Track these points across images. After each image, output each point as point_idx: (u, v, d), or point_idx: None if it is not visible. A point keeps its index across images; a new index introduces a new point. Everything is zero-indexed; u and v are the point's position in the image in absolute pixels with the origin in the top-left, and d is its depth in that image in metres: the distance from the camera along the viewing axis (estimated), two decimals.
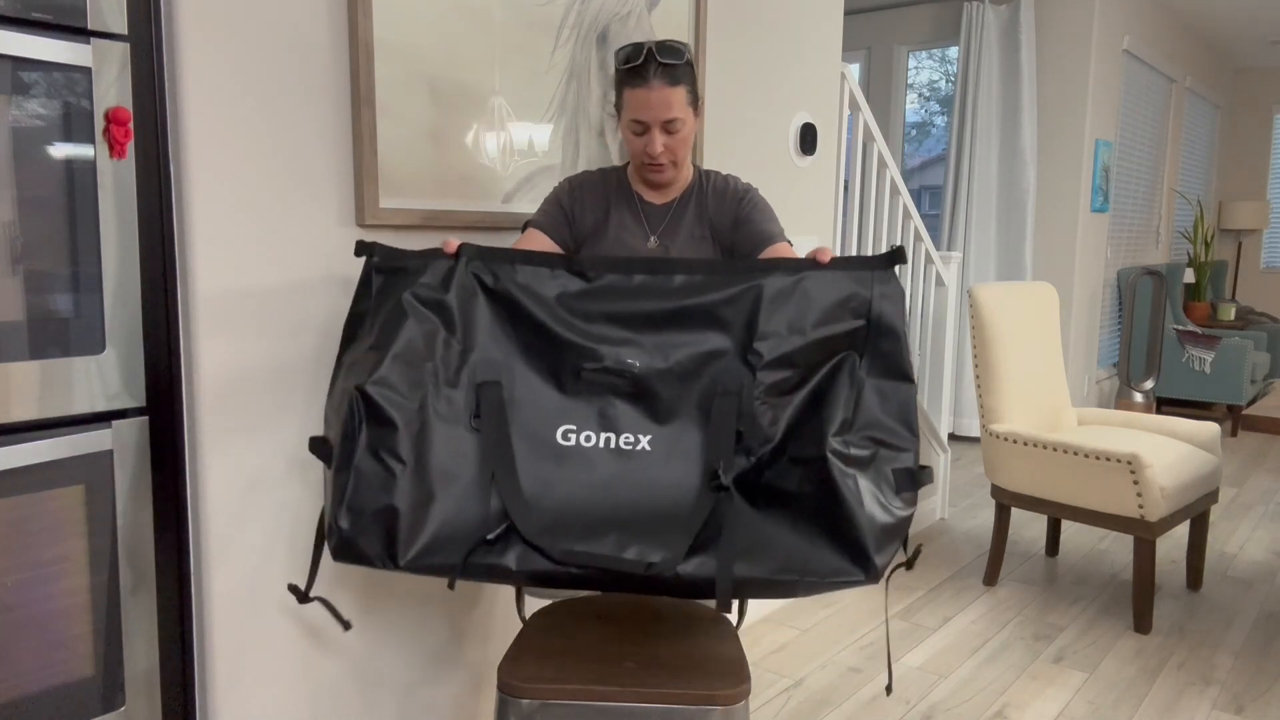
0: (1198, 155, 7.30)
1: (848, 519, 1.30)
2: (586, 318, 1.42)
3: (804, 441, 1.33)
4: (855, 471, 1.31)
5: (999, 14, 5.23)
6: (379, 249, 1.43)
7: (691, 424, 1.38)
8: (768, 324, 1.39)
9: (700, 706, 1.33)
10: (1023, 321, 3.32)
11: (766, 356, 1.38)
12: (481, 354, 1.40)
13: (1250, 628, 2.94)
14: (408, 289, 1.40)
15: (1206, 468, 3.08)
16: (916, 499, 1.38)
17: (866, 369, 1.35)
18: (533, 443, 1.36)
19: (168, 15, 1.46)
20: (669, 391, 1.38)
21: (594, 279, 1.44)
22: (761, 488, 1.34)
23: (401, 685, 1.92)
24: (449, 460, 1.32)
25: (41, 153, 1.34)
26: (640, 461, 1.35)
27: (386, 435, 1.31)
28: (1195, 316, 6.64)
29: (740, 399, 1.37)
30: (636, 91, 1.63)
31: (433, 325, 1.39)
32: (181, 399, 1.54)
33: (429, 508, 1.30)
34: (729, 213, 1.77)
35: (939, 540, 3.76)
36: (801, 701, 2.45)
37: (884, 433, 1.36)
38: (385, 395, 1.32)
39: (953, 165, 5.39)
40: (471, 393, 1.37)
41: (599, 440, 1.36)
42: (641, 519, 1.32)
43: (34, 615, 1.40)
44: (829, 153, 3.12)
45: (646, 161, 1.69)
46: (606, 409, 1.38)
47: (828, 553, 1.31)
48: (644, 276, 1.43)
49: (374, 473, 1.30)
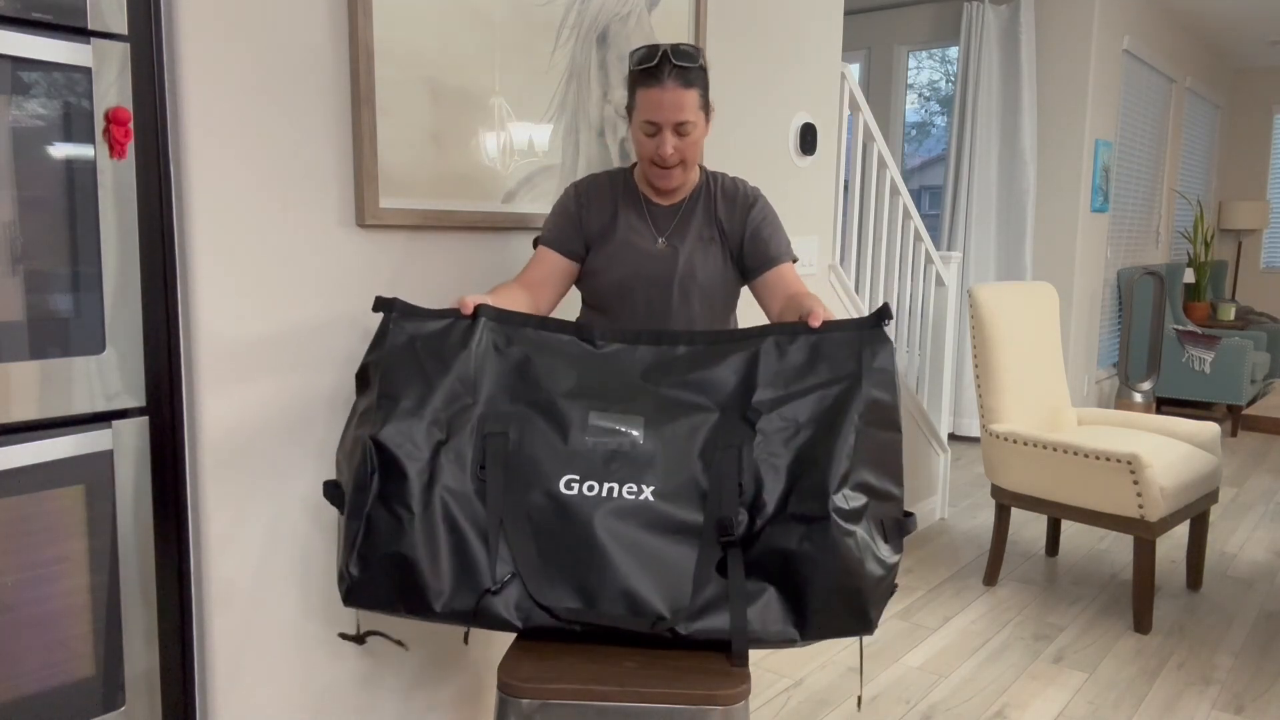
0: (1198, 155, 7.30)
1: (849, 582, 1.33)
2: (594, 378, 1.48)
3: (804, 496, 1.35)
4: (854, 527, 1.34)
5: (999, 14, 5.23)
6: (399, 305, 1.47)
7: (694, 478, 1.41)
8: (765, 383, 1.44)
9: (700, 706, 1.33)
10: (1023, 321, 3.32)
11: (765, 413, 1.42)
12: (490, 407, 1.44)
13: (1250, 628, 2.95)
14: (424, 343, 1.44)
15: (1206, 468, 3.08)
16: (903, 545, 1.43)
17: (860, 421, 1.37)
18: (537, 493, 1.39)
19: (168, 15, 1.46)
20: (672, 446, 1.42)
21: (601, 347, 1.50)
22: (762, 544, 1.36)
23: (402, 685, 1.92)
24: (456, 510, 1.36)
25: (41, 153, 1.35)
26: (643, 512, 1.37)
27: (398, 485, 1.35)
28: (1195, 316, 6.64)
29: (740, 454, 1.39)
30: (650, 92, 1.63)
31: (445, 379, 1.43)
32: (181, 399, 1.54)
33: (438, 558, 1.33)
34: (741, 218, 1.78)
35: (939, 540, 3.76)
36: (801, 701, 2.45)
37: (876, 482, 1.39)
38: (398, 445, 1.35)
39: (953, 165, 5.39)
40: (479, 443, 1.41)
41: (601, 490, 1.39)
42: (646, 571, 1.35)
43: (34, 615, 1.40)
44: (829, 153, 3.12)
45: (655, 164, 1.69)
46: (610, 461, 1.40)
47: (828, 614, 1.35)
48: (649, 346, 1.50)
49: (385, 521, 1.34)
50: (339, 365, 1.74)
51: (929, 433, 3.91)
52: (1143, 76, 5.97)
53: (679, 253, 1.75)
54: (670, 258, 1.75)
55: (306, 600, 1.73)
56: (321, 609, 1.76)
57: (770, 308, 1.79)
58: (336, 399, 1.74)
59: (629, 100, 1.70)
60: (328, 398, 1.73)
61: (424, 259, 1.86)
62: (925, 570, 3.42)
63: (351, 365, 1.76)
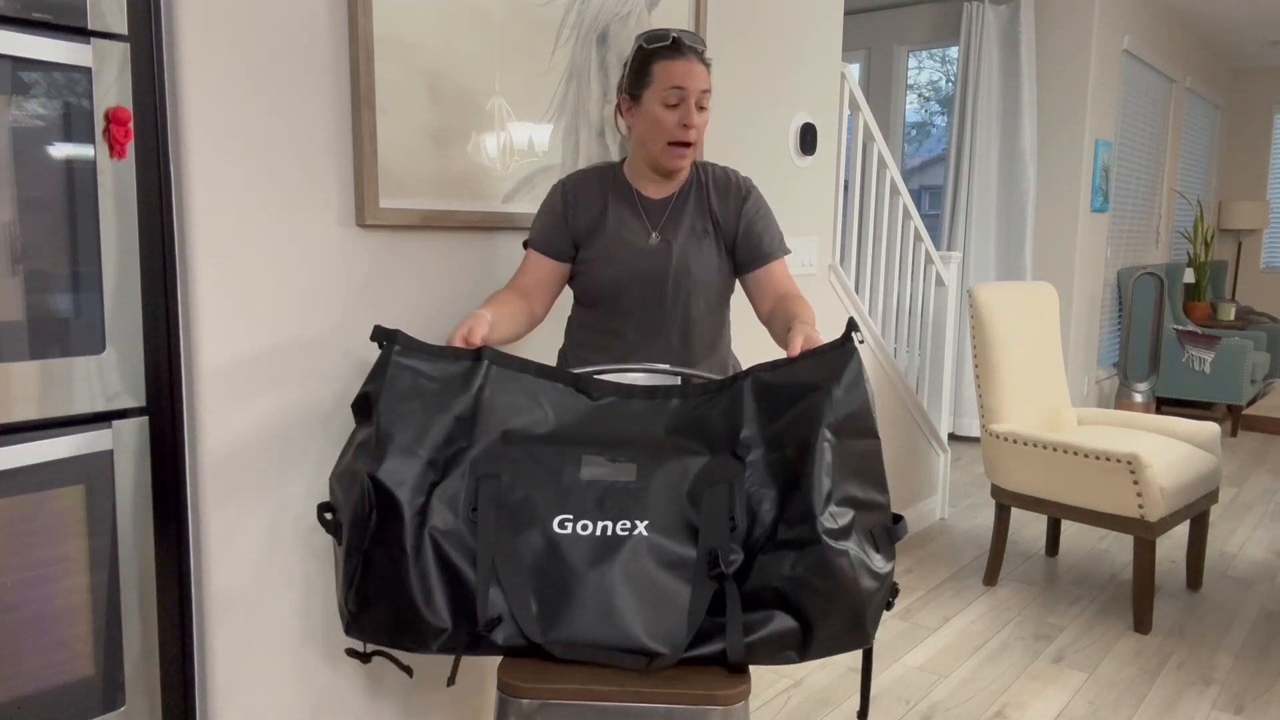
0: (1198, 155, 7.30)
1: (848, 601, 1.34)
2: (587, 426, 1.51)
3: (792, 522, 1.35)
4: (845, 545, 1.34)
5: (999, 14, 5.23)
6: (400, 337, 1.46)
7: (685, 515, 1.41)
8: (750, 419, 1.46)
9: (700, 706, 1.33)
10: (1023, 321, 3.32)
11: (752, 447, 1.43)
12: (484, 449, 1.45)
13: (1250, 628, 2.95)
14: (425, 382, 1.44)
15: (1206, 468, 3.08)
16: (895, 552, 1.42)
17: (833, 436, 1.37)
18: (531, 534, 1.39)
19: (168, 15, 1.46)
20: (663, 486, 1.42)
21: (597, 398, 1.53)
22: (757, 575, 1.37)
23: (402, 686, 1.92)
24: (450, 551, 1.37)
25: (41, 153, 1.35)
26: (638, 547, 1.38)
27: (394, 525, 1.35)
28: (1195, 316, 6.64)
29: (731, 489, 1.40)
30: (675, 62, 1.64)
31: (444, 420, 1.43)
32: (181, 399, 1.54)
33: (432, 600, 1.35)
34: (735, 210, 1.77)
35: (939, 540, 3.76)
36: (801, 701, 2.45)
37: (861, 494, 1.39)
38: (396, 483, 1.36)
39: (953, 165, 5.39)
40: (472, 484, 1.41)
41: (595, 529, 1.39)
42: (641, 607, 1.35)
43: (34, 615, 1.40)
44: (829, 153, 3.12)
45: (677, 138, 1.65)
46: (603, 500, 1.41)
47: (827, 635, 1.35)
48: (643, 400, 1.53)
49: (381, 561, 1.35)
50: (339, 365, 1.74)
51: (929, 433, 3.91)
52: (1143, 76, 5.97)
53: (673, 248, 1.73)
54: (664, 253, 1.73)
55: (307, 599, 1.73)
56: (322, 609, 1.76)
57: (760, 306, 1.79)
58: (336, 398, 1.74)
59: (639, 79, 1.67)
60: (328, 396, 1.73)
61: (424, 259, 1.86)
62: (925, 570, 3.42)
63: (351, 365, 1.76)
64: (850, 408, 1.39)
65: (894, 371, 3.64)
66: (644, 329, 1.76)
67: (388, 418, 1.39)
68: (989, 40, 5.19)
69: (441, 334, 1.91)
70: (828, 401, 1.38)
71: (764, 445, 1.43)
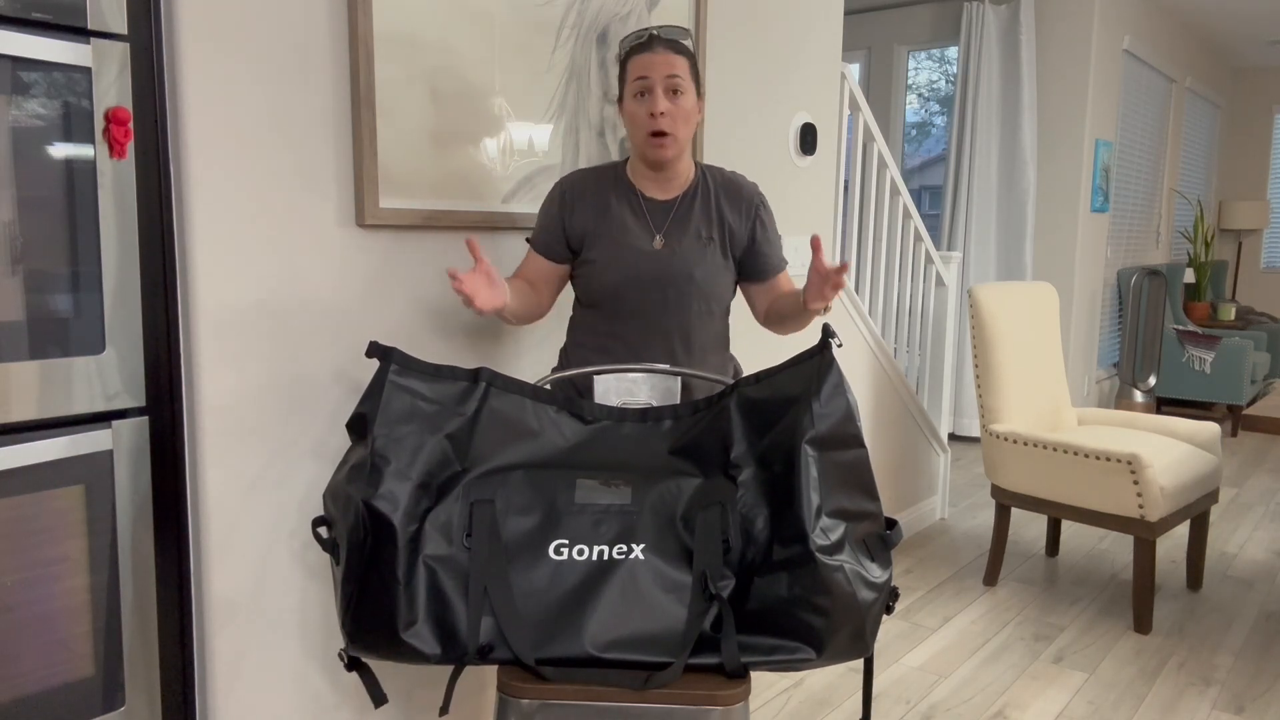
0: (1198, 155, 7.30)
1: (846, 615, 1.34)
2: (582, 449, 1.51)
3: (786, 541, 1.35)
4: (840, 559, 1.34)
5: (999, 14, 5.23)
6: (396, 355, 1.44)
7: (680, 538, 1.41)
8: (740, 435, 1.46)
9: (700, 706, 1.33)
10: (1023, 321, 3.32)
11: (744, 466, 1.43)
12: (479, 473, 1.45)
13: (1250, 628, 2.94)
14: (420, 403, 1.44)
15: (1206, 468, 3.08)
16: (891, 559, 1.42)
17: (815, 450, 1.36)
18: (525, 558, 1.39)
19: (168, 15, 1.46)
20: (658, 509, 1.43)
21: (590, 422, 1.54)
22: (755, 597, 1.37)
23: (402, 686, 1.92)
24: (442, 578, 1.37)
25: (41, 153, 1.34)
26: (635, 570, 1.38)
27: (388, 550, 1.35)
28: (1195, 316, 6.64)
29: (724, 510, 1.40)
30: (640, 57, 1.65)
31: (438, 442, 1.43)
32: (181, 399, 1.54)
33: (426, 625, 1.35)
34: (748, 220, 1.78)
35: (939, 540, 3.76)
36: (801, 701, 2.45)
37: (850, 504, 1.39)
38: (390, 509, 1.36)
39: (953, 165, 5.39)
40: (466, 510, 1.41)
41: (591, 553, 1.40)
42: (638, 628, 1.35)
43: (34, 615, 1.40)
44: (829, 153, 3.12)
45: (650, 130, 1.64)
46: (599, 524, 1.42)
47: (826, 649, 1.35)
48: (635, 424, 1.54)
49: (377, 587, 1.35)
50: (339, 365, 1.74)
51: (929, 433, 3.91)
52: (1143, 76, 5.97)
53: (676, 252, 1.72)
54: (667, 257, 1.72)
55: (306, 599, 1.73)
56: (321, 608, 1.76)
57: (757, 307, 1.83)
58: (336, 400, 1.74)
59: (620, 80, 1.70)
60: (328, 397, 1.73)
61: (424, 259, 1.86)
62: (925, 570, 3.42)
63: (351, 365, 1.76)
64: (832, 419, 1.39)
65: (894, 372, 3.64)
66: (645, 332, 1.76)
67: (383, 442, 1.39)
68: (989, 40, 5.19)
69: (441, 333, 1.91)
70: (808, 415, 1.38)
71: (754, 464, 1.43)
